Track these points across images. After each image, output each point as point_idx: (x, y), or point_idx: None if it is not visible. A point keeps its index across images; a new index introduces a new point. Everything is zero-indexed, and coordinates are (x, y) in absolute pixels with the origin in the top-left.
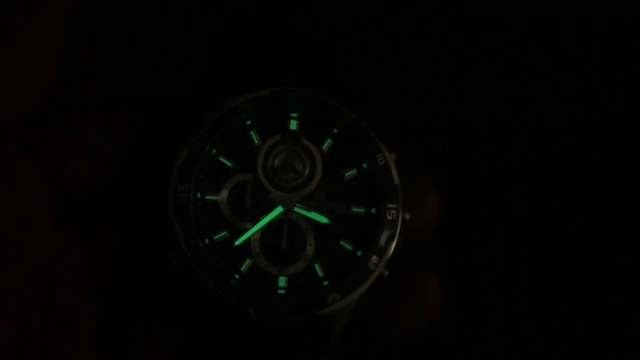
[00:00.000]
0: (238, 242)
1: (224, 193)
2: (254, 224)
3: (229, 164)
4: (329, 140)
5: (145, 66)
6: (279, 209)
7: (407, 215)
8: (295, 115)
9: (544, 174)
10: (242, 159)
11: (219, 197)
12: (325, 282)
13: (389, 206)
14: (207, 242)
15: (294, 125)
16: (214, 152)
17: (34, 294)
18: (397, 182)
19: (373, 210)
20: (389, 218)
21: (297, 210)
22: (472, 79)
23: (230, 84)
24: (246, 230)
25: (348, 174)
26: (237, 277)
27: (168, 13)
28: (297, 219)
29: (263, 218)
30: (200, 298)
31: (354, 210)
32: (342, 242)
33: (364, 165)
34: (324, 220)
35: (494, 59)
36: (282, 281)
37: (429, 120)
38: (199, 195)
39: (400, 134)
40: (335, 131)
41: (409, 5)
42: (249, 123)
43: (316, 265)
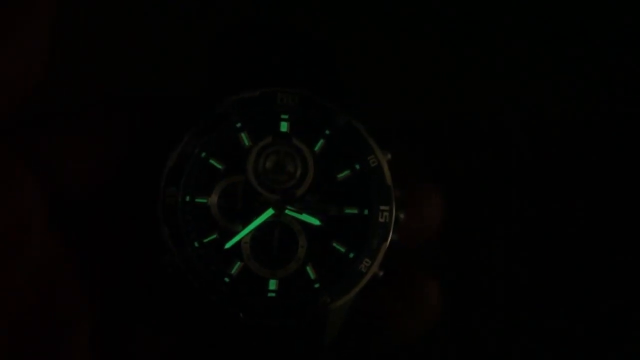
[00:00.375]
0: (228, 244)
1: (214, 196)
2: (245, 226)
3: (219, 167)
4: (321, 142)
5: (145, 66)
6: (269, 212)
7: (401, 215)
8: (286, 117)
9: (544, 173)
10: (232, 162)
11: (209, 200)
12: (317, 285)
13: (382, 208)
14: (197, 245)
15: (284, 127)
16: (204, 155)
17: (32, 295)
18: (390, 184)
19: (366, 212)
20: (381, 220)
21: (288, 212)
22: (472, 79)
23: (229, 85)
24: (237, 233)
25: (340, 175)
26: (227, 280)
27: (168, 13)
28: (288, 221)
29: (254, 220)
30: (191, 301)
31: (346, 211)
32: (334, 244)
33: (357, 167)
34: (315, 222)
35: (494, 59)
36: (273, 284)
37: (429, 120)
38: (188, 199)
39: (400, 134)
40: (327, 132)
41: (409, 5)
42: (239, 125)
43: (308, 268)
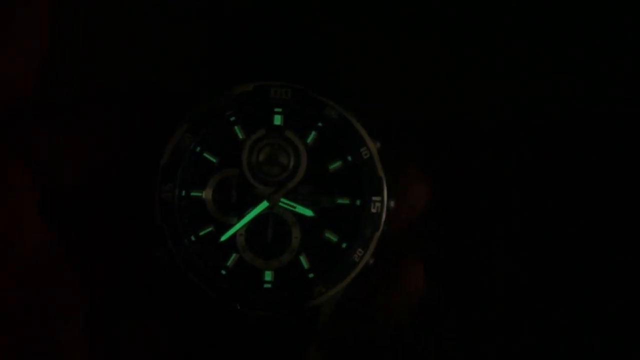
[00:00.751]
0: (224, 237)
1: (209, 189)
2: (240, 219)
3: (213, 160)
4: (313, 134)
5: (145, 66)
6: (264, 204)
7: (391, 203)
8: (280, 110)
9: (544, 174)
10: (226, 155)
11: (204, 194)
12: (311, 275)
13: (374, 199)
14: (193, 239)
15: (278, 120)
16: (198, 149)
17: (24, 291)
18: (382, 175)
19: (358, 202)
20: (373, 211)
21: (281, 204)
22: (472, 79)
23: (223, 79)
24: (232, 225)
25: (333, 166)
26: (224, 272)
27: (168, 13)
28: (282, 213)
29: (248, 213)
30: (188, 294)
31: (339, 202)
32: (327, 234)
33: (349, 158)
34: (308, 213)
35: (494, 59)
36: (269, 275)
37: (429, 120)
38: (183, 193)
39: (400, 134)
40: (320, 125)
41: (409, 5)
42: (233, 119)
43: (301, 258)
